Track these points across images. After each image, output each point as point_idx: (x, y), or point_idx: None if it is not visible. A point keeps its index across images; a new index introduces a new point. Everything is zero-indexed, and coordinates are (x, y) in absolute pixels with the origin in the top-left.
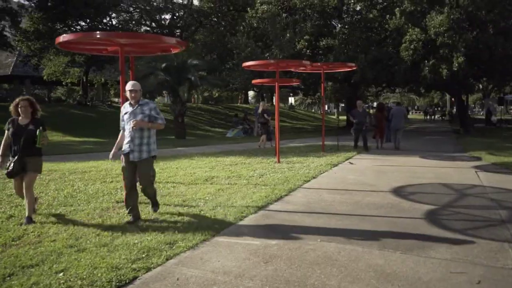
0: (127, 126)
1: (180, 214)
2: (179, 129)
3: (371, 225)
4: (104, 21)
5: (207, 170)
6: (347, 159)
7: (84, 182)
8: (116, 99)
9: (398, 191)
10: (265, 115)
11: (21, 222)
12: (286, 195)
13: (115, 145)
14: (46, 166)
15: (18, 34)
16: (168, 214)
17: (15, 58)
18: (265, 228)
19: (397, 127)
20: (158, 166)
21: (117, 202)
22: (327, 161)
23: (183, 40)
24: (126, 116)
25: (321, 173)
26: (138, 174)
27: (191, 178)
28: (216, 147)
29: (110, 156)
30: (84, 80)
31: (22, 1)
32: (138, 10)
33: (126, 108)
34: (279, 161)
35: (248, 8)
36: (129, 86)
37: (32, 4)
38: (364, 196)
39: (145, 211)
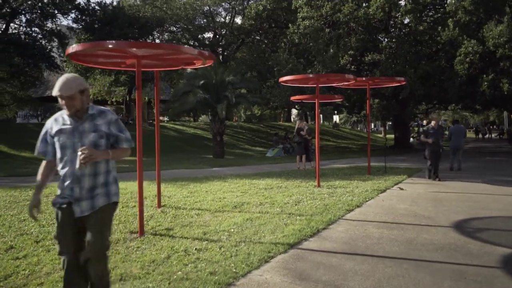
0: (62, 154)
1: (197, 250)
2: (217, 148)
3: (430, 275)
4: (148, 41)
5: (238, 195)
6: (396, 184)
7: None
8: (164, 118)
9: (461, 227)
10: (301, 133)
11: (17, 256)
12: (324, 228)
13: (36, 188)
14: None
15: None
16: (181, 253)
17: None
18: (294, 276)
19: (458, 147)
20: (187, 189)
21: (132, 232)
22: (373, 185)
23: (225, 57)
24: (61, 138)
25: (367, 201)
26: (88, 237)
27: (219, 204)
28: (253, 168)
29: (29, 211)
30: (127, 99)
31: (71, 24)
32: (180, 30)
33: (58, 122)
34: (319, 185)
35: (290, 24)
36: (56, 88)
37: (80, 26)
38: (419, 232)
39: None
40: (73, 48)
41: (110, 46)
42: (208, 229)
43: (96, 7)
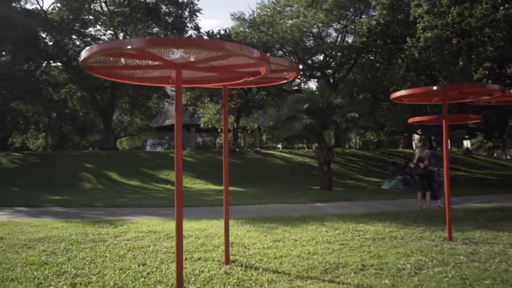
0: None
1: None
2: (324, 179)
3: None
4: None
5: (334, 249)
6: None
7: (169, 255)
8: (279, 146)
9: None
10: (421, 164)
11: None
12: None
13: None
14: (151, 224)
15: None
16: None
17: (184, 108)
18: None
19: None
20: (272, 236)
21: None
22: None
23: (336, 80)
24: None
25: None
26: None
27: (305, 265)
28: (363, 205)
29: None
30: (235, 126)
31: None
32: (288, 53)
33: None
34: (450, 238)
35: (408, 38)
36: None
37: None
38: None
39: None
40: (85, 52)
41: (131, 45)
42: None
43: (205, 37)
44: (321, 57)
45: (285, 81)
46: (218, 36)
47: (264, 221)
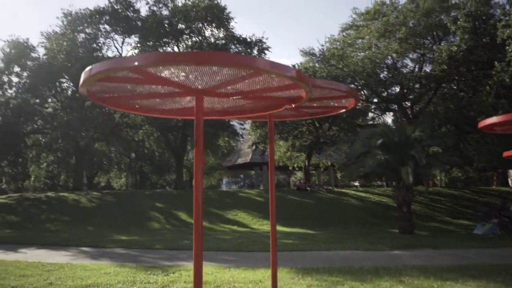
0: None
1: None
2: (403, 221)
3: None
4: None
5: None
6: None
7: None
8: (357, 184)
9: None
10: None
11: None
12: None
13: None
14: (204, 272)
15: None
16: None
17: (254, 146)
18: None
19: None
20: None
21: None
22: None
23: (415, 113)
24: None
25: None
26: None
27: None
28: (451, 254)
29: None
30: (306, 164)
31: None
32: (360, 87)
33: None
34: None
35: (496, 62)
36: None
37: None
38: None
39: None
40: (85, 75)
41: (134, 64)
42: None
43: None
44: (397, 89)
45: (344, 109)
46: None
47: (330, 273)
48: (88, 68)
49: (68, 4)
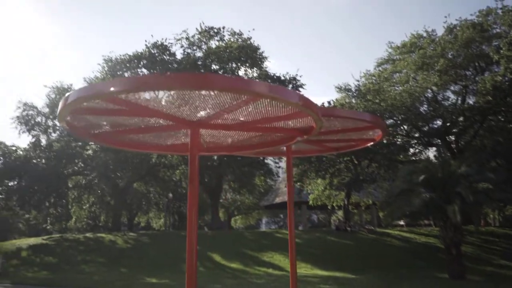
0: None
1: None
2: (453, 265)
3: None
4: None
5: None
6: None
7: None
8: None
9: None
10: None
11: None
12: None
13: None
14: None
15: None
16: None
17: None
18: None
19: None
20: None
21: None
22: None
23: (460, 148)
24: None
25: None
26: None
27: None
28: None
29: None
30: (346, 202)
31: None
32: (399, 122)
33: None
34: None
35: None
36: None
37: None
38: None
39: None
40: (64, 103)
41: (113, 89)
42: None
43: None
44: (439, 122)
45: (371, 142)
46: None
47: None
48: (63, 97)
49: (109, 51)
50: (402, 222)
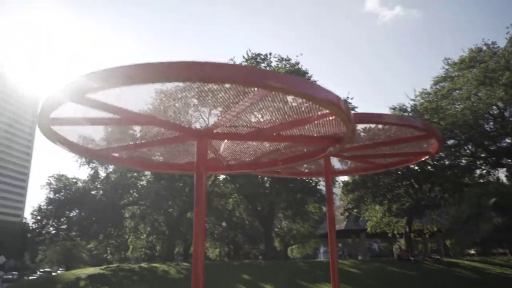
0: None
1: None
2: None
3: None
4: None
5: None
6: None
7: None
8: (473, 251)
9: None
10: None
11: None
12: None
13: None
14: None
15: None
16: None
17: (346, 213)
18: None
19: None
20: None
21: None
22: None
23: None
24: None
25: None
26: None
27: None
28: None
29: None
30: (407, 230)
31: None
32: (462, 141)
33: None
34: None
35: None
36: None
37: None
38: None
39: None
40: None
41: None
42: None
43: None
44: (509, 140)
45: (426, 156)
46: None
47: None
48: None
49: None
50: (472, 251)
